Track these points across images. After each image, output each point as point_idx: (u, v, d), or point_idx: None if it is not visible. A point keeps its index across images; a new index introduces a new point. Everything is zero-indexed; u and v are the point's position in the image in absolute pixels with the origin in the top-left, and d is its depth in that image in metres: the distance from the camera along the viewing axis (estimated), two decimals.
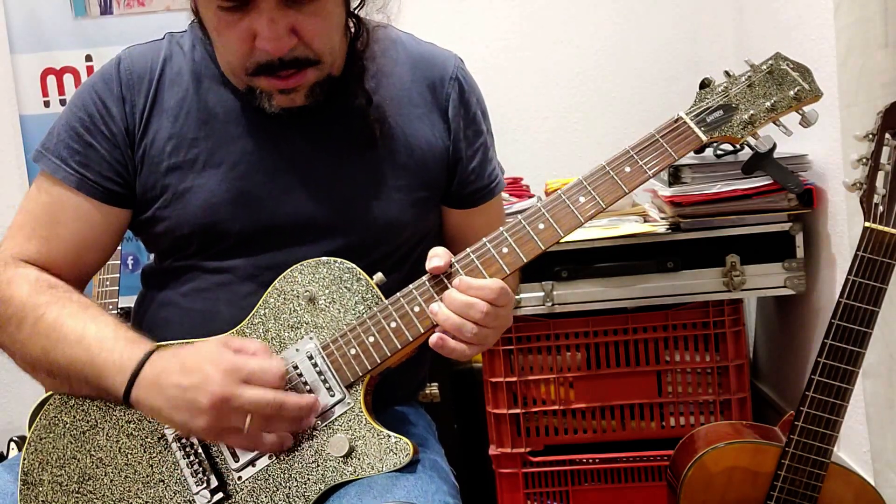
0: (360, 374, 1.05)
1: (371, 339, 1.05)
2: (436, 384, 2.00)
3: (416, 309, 1.05)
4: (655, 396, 1.84)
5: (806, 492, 1.29)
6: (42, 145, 1.16)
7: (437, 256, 1.05)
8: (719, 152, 1.79)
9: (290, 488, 1.04)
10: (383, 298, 1.07)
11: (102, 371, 1.04)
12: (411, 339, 1.05)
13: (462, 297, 1.02)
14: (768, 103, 1.08)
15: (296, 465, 1.05)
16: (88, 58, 2.51)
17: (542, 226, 1.05)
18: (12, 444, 2.29)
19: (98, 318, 1.07)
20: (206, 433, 1.00)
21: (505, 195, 1.94)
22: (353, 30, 1.16)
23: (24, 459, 1.10)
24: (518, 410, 1.86)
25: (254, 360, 1.01)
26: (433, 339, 1.03)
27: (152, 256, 1.27)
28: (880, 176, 1.22)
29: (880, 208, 1.21)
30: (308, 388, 1.06)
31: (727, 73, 1.11)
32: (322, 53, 1.08)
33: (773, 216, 1.75)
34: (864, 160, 1.23)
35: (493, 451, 1.90)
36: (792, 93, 1.08)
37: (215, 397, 0.97)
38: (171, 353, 1.04)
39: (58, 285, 1.11)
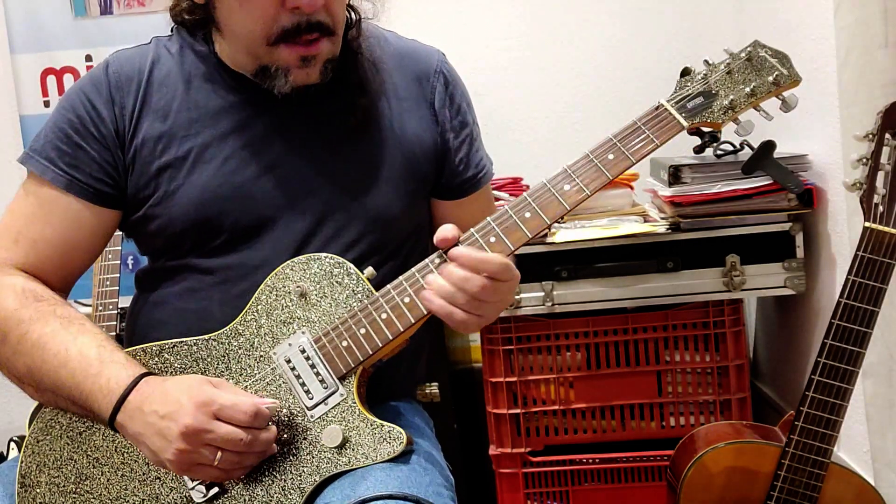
0: (353, 365, 1.06)
1: (362, 330, 1.06)
2: (436, 384, 1.99)
3: (407, 300, 1.06)
4: (655, 396, 1.84)
5: (806, 492, 1.28)
6: (30, 148, 1.16)
7: (447, 230, 1.05)
8: (719, 152, 1.79)
9: (285, 480, 1.05)
10: (374, 291, 1.08)
11: (89, 396, 1.04)
12: (402, 330, 1.06)
13: (459, 272, 1.01)
14: (748, 89, 1.10)
15: (290, 456, 1.05)
16: (88, 58, 2.50)
17: (528, 214, 1.06)
18: (12, 444, 2.29)
19: (79, 337, 1.07)
20: (176, 464, 1.00)
21: (505, 195, 1.95)
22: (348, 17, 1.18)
23: (22, 462, 1.10)
24: (518, 410, 1.86)
25: (225, 395, 1.00)
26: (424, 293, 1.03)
27: (146, 260, 1.27)
28: (880, 176, 1.22)
29: (880, 208, 1.21)
30: (301, 381, 1.07)
31: (706, 62, 1.13)
32: (338, 25, 1.11)
33: (773, 216, 1.75)
34: (864, 160, 1.23)
35: (493, 451, 1.90)
36: (771, 78, 1.10)
37: (187, 428, 0.97)
38: (159, 381, 1.04)
39: (43, 297, 1.11)
